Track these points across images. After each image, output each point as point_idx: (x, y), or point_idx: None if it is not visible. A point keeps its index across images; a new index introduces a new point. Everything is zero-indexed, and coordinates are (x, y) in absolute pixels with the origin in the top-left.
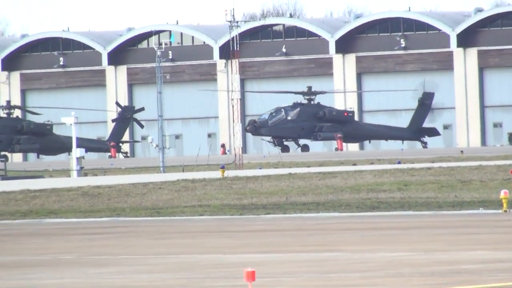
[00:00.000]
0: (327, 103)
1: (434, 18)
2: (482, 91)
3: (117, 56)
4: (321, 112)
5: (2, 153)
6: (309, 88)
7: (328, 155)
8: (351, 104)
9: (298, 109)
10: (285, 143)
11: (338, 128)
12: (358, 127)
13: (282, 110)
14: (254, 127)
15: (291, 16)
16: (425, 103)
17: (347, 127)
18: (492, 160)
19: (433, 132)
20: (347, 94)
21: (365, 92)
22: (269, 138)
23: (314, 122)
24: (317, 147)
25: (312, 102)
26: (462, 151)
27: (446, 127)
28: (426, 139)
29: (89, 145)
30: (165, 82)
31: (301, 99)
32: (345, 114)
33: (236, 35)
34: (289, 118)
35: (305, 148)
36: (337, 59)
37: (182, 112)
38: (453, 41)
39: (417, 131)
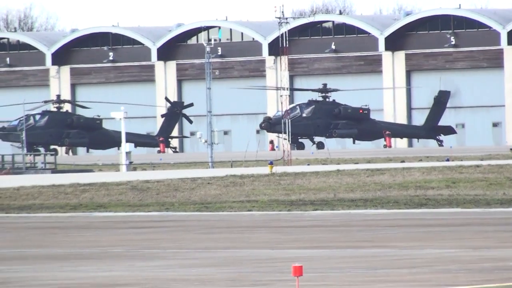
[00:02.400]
0: (376, 100)
1: (485, 15)
2: None
3: (166, 52)
4: (337, 110)
5: (52, 147)
6: (324, 85)
7: (376, 152)
8: (400, 101)
9: (313, 106)
10: (300, 140)
11: (353, 126)
12: (373, 124)
13: (297, 107)
14: (269, 124)
15: (340, 13)
16: (441, 101)
17: (362, 124)
18: None
19: (449, 130)
20: (396, 90)
21: (414, 89)
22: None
23: (329, 119)
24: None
25: (327, 100)
26: (511, 149)
27: (495, 124)
28: (442, 137)
29: (138, 140)
30: (214, 78)
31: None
32: (360, 111)
33: (285, 32)
34: (304, 115)
35: (320, 145)
36: (386, 56)
37: (231, 108)
38: (504, 38)
39: (432, 129)
